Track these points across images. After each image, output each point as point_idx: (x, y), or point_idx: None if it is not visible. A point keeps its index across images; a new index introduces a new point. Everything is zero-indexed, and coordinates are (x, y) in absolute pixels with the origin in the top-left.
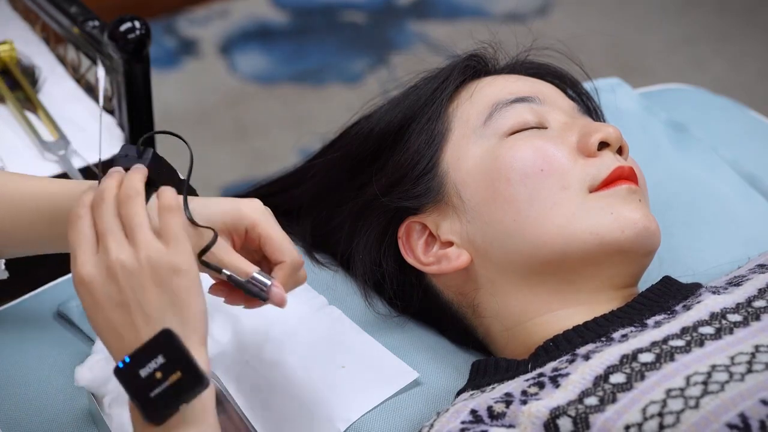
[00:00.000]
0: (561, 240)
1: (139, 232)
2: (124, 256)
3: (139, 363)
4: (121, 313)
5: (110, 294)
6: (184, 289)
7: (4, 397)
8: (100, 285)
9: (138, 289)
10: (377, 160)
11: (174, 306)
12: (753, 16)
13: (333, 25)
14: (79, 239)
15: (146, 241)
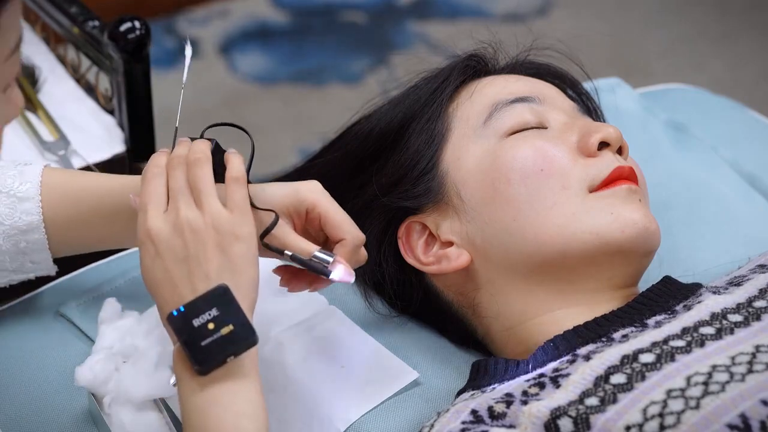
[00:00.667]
0: (561, 240)
1: (206, 196)
2: (192, 215)
3: (193, 313)
4: (181, 268)
5: (174, 248)
6: (241, 256)
7: (4, 397)
8: (165, 239)
9: (200, 248)
10: (377, 159)
11: (230, 270)
12: (753, 16)
13: (333, 25)
14: (151, 195)
15: (212, 206)
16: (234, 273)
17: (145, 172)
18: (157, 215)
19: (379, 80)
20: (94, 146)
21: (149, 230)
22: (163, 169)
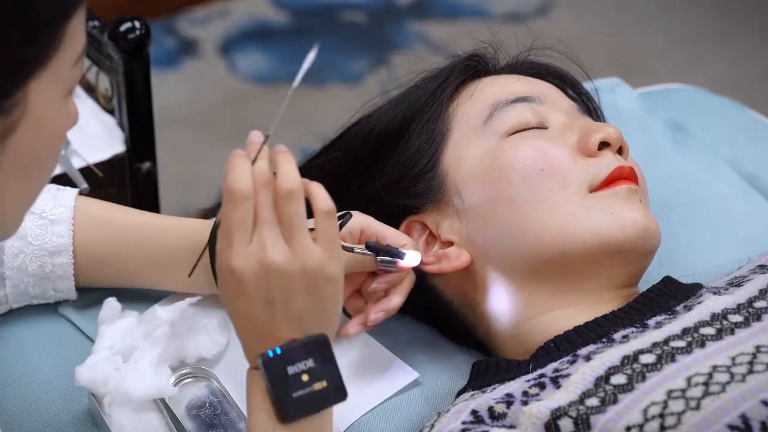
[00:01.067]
0: (561, 240)
1: (299, 235)
2: (281, 258)
3: (289, 359)
4: (265, 308)
5: (258, 288)
6: (331, 297)
7: (4, 398)
8: (249, 278)
9: (287, 290)
10: (378, 159)
11: (318, 312)
12: (753, 16)
13: (333, 25)
14: (237, 223)
15: (304, 246)
16: (324, 316)
17: (233, 190)
18: (242, 249)
19: (379, 80)
20: (94, 146)
21: (233, 269)
22: (251, 190)
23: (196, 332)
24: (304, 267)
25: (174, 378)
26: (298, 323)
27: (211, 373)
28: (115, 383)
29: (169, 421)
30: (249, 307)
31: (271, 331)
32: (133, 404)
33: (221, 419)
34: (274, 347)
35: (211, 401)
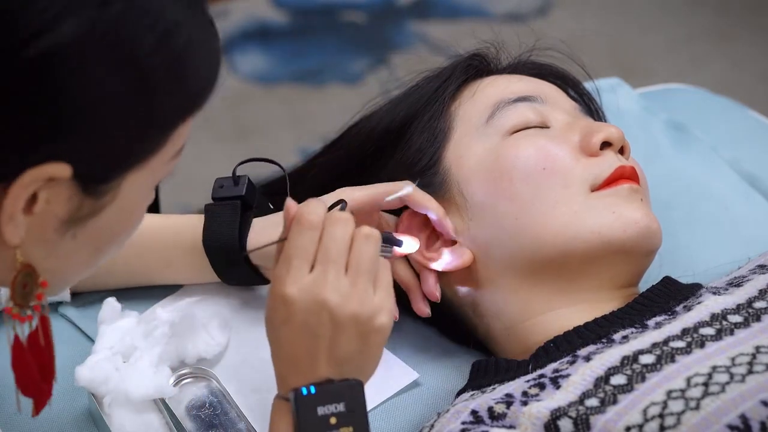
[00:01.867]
0: (563, 238)
1: (363, 279)
2: (337, 299)
3: (322, 399)
4: (309, 342)
5: (307, 322)
6: (376, 347)
7: (4, 398)
8: (300, 309)
9: (336, 331)
10: (379, 158)
11: (361, 358)
12: (753, 16)
13: (333, 25)
14: (299, 249)
15: (363, 292)
16: (365, 364)
17: (303, 218)
18: (298, 278)
19: (379, 80)
20: None
21: (285, 296)
22: (319, 222)
23: (196, 333)
24: (356, 313)
25: (174, 378)
26: (339, 365)
27: (210, 374)
28: (115, 383)
29: (169, 421)
30: (293, 338)
31: (309, 367)
32: (133, 404)
33: (221, 419)
34: (309, 383)
35: (211, 401)
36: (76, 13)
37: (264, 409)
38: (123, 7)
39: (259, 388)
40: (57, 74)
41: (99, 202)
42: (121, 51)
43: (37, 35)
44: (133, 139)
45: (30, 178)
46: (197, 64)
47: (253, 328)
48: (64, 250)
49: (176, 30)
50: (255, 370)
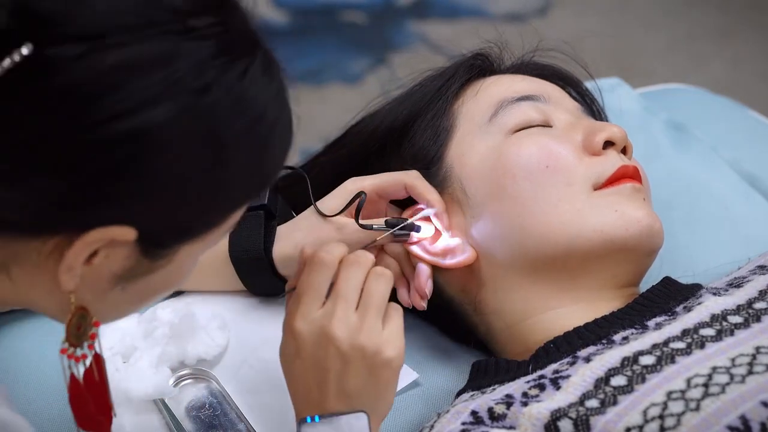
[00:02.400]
0: (565, 237)
1: (372, 314)
2: (343, 332)
3: (325, 428)
4: (318, 375)
5: (315, 355)
6: (386, 381)
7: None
8: (308, 343)
9: (344, 364)
10: (382, 156)
11: (371, 393)
12: (753, 16)
13: (333, 25)
14: (310, 286)
15: (371, 327)
16: (375, 398)
17: (317, 256)
18: (308, 313)
19: (379, 80)
20: None
21: (294, 330)
22: (334, 263)
23: (196, 333)
24: (363, 346)
25: (174, 379)
26: (349, 399)
27: (210, 374)
28: (115, 383)
29: (168, 421)
30: (304, 371)
31: (319, 399)
32: (133, 404)
33: (221, 420)
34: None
35: (211, 402)
36: (174, 98)
37: (264, 410)
38: (221, 95)
39: (258, 389)
40: (143, 149)
41: (154, 265)
42: (208, 136)
43: (131, 112)
44: (202, 214)
45: (96, 236)
46: (275, 149)
47: (253, 330)
48: (111, 298)
49: (263, 118)
50: (255, 371)
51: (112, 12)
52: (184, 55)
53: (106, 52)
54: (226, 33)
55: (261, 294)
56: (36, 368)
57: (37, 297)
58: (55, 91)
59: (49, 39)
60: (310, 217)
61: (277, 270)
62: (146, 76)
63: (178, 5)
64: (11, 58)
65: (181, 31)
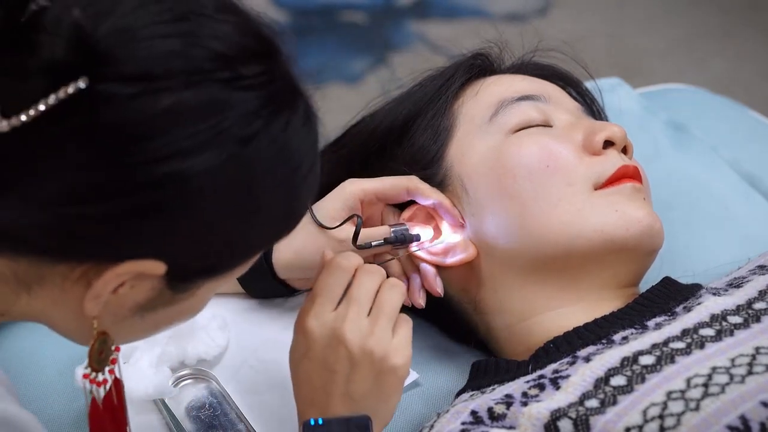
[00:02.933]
0: (566, 236)
1: (384, 320)
2: (355, 334)
3: (329, 431)
4: (325, 376)
5: (324, 356)
6: (391, 386)
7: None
8: (318, 343)
9: (352, 367)
10: (382, 156)
11: (375, 398)
12: (753, 15)
13: (333, 25)
14: (326, 290)
15: (381, 332)
16: (379, 400)
17: (334, 260)
18: (321, 313)
19: (379, 80)
20: None
21: (305, 329)
22: (350, 268)
23: (196, 334)
24: (372, 350)
25: (174, 379)
26: (353, 403)
27: (210, 375)
28: None
29: (168, 421)
30: (311, 372)
31: (324, 402)
32: (133, 404)
33: (221, 420)
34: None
35: (211, 402)
36: (220, 146)
37: (263, 410)
38: (264, 145)
39: (258, 389)
40: (184, 193)
41: (176, 297)
42: (248, 184)
43: (176, 156)
44: (231, 255)
45: (126, 269)
46: (305, 195)
47: (253, 330)
48: (129, 324)
49: (300, 168)
50: (255, 372)
51: (164, 54)
52: (233, 106)
53: (158, 95)
54: (272, 83)
55: (261, 297)
56: (36, 368)
57: (56, 317)
58: (104, 127)
59: (103, 75)
60: (309, 225)
61: (277, 275)
62: (195, 124)
63: (224, 51)
64: (65, 90)
65: (229, 79)
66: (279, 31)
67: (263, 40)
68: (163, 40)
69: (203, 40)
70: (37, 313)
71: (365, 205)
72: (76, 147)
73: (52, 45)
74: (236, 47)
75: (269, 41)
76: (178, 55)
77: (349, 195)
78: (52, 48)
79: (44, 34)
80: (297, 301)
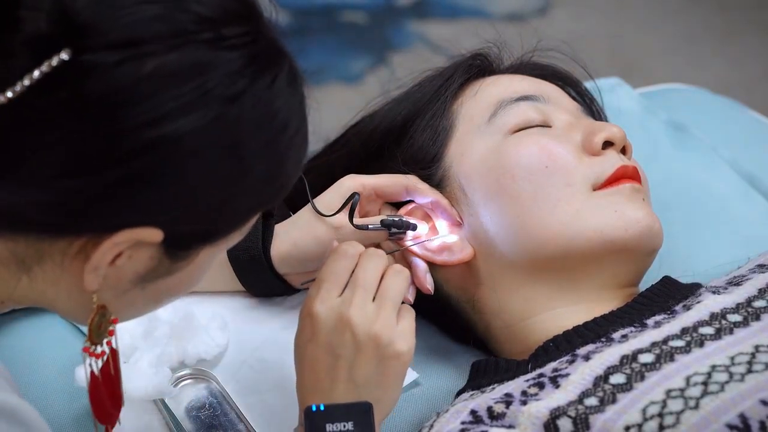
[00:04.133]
0: (564, 237)
1: (389, 306)
2: (361, 318)
3: (331, 417)
4: (330, 361)
5: (330, 340)
6: (394, 373)
7: None
8: (324, 327)
9: (356, 352)
10: (381, 156)
11: (379, 384)
12: (753, 15)
13: (333, 25)
14: (332, 276)
15: (386, 318)
16: (382, 388)
17: (339, 247)
18: (327, 299)
19: (379, 80)
20: None
21: (312, 312)
22: (355, 254)
23: (196, 333)
24: (378, 335)
25: (173, 379)
26: (357, 388)
27: (210, 375)
28: None
29: (168, 421)
30: (316, 356)
31: (328, 387)
32: (132, 404)
33: (221, 420)
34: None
35: (211, 402)
36: (205, 107)
37: (263, 410)
38: (249, 105)
39: (258, 389)
40: (173, 156)
41: (175, 266)
42: (235, 144)
43: (164, 120)
44: (224, 218)
45: (123, 237)
46: (294, 157)
47: (253, 330)
48: (130, 297)
49: (286, 128)
50: (255, 371)
51: (146, 20)
52: (216, 66)
53: (142, 60)
54: (255, 43)
55: (260, 295)
56: (36, 368)
57: (56, 296)
58: (90, 97)
59: (86, 46)
60: (308, 215)
61: (276, 269)
62: (180, 86)
63: (207, 13)
64: (49, 63)
65: (212, 40)
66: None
67: (244, 3)
68: (145, 6)
69: (185, 4)
70: (37, 295)
71: (363, 201)
72: (65, 119)
73: (34, 19)
74: (218, 9)
75: (250, 4)
76: (161, 18)
77: (348, 190)
78: (35, 22)
79: (26, 9)
80: (297, 300)
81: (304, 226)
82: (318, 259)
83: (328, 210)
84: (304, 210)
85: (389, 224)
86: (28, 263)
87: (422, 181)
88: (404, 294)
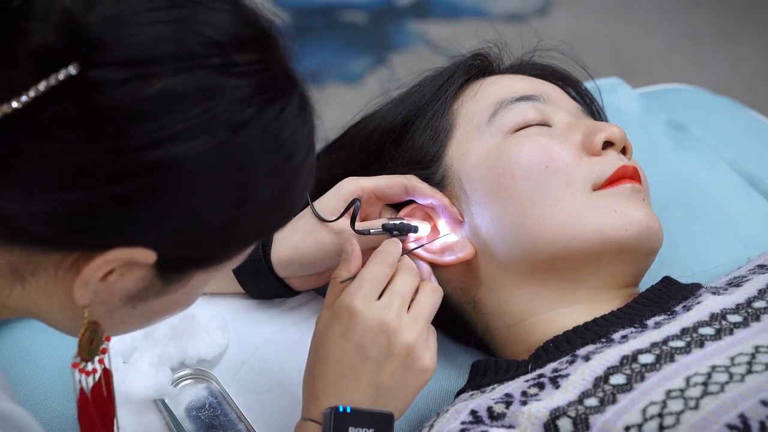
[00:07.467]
0: (564, 237)
1: (424, 323)
2: (400, 326)
3: (355, 421)
4: (357, 361)
5: (363, 340)
6: (415, 387)
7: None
8: (363, 325)
9: (387, 357)
10: (381, 156)
11: (399, 393)
12: (753, 15)
13: (333, 25)
14: (373, 277)
15: (422, 332)
16: (400, 400)
17: (387, 250)
18: (369, 298)
19: (379, 80)
20: None
21: (352, 308)
22: (395, 265)
23: (196, 334)
24: (412, 346)
25: (174, 379)
26: (377, 394)
27: (210, 375)
28: (116, 383)
29: (168, 422)
30: (344, 353)
31: (349, 387)
32: (133, 405)
33: (221, 420)
34: (338, 404)
35: (211, 402)
36: (211, 132)
37: (263, 410)
38: (256, 133)
39: (258, 389)
40: (174, 179)
41: (166, 288)
42: (238, 172)
43: (167, 141)
44: (221, 245)
45: (116, 255)
46: (298, 187)
47: (253, 330)
48: (121, 315)
49: (292, 158)
50: (255, 372)
51: (156, 40)
52: (224, 92)
53: (148, 80)
54: (267, 71)
55: (261, 297)
56: (35, 368)
57: (49, 308)
58: (95, 112)
59: (94, 61)
60: (308, 219)
61: (276, 272)
62: (185, 109)
63: (218, 38)
64: (56, 76)
65: (221, 65)
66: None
67: (258, 29)
68: (156, 26)
69: (196, 27)
70: (30, 306)
71: (363, 204)
72: (67, 133)
73: (43, 31)
74: (230, 34)
75: (265, 30)
76: (171, 40)
77: (348, 192)
78: (43, 34)
79: (35, 20)
80: (296, 302)
81: (305, 231)
82: (318, 262)
83: (328, 213)
84: (304, 213)
85: (391, 228)
86: (22, 273)
87: (422, 180)
88: (435, 312)
